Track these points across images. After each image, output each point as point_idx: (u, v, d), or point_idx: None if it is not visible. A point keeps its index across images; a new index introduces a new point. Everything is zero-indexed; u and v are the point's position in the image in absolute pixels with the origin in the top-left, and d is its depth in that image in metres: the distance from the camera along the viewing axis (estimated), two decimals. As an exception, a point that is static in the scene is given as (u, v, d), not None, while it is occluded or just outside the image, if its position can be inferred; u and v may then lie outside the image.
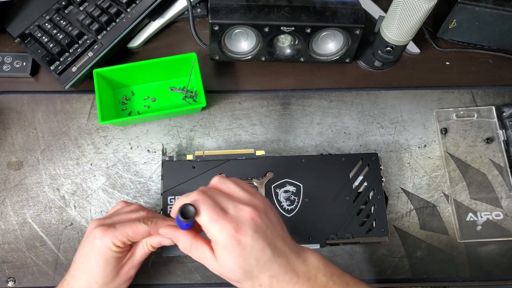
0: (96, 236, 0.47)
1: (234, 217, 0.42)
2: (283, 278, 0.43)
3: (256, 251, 0.42)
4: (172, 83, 0.67)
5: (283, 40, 0.65)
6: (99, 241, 0.47)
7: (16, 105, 0.66)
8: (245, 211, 0.43)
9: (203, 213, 0.42)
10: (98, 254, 0.47)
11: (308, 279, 0.43)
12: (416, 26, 0.58)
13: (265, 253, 0.42)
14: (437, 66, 0.71)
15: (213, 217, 0.42)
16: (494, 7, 0.63)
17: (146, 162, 0.63)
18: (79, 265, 0.49)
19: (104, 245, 0.47)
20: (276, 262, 0.42)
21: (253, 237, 0.42)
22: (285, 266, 0.43)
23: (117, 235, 0.47)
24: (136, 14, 0.65)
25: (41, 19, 0.66)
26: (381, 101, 0.67)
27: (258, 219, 0.43)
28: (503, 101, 0.67)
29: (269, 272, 0.42)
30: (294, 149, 0.64)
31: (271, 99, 0.67)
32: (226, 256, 0.42)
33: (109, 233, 0.47)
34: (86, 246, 0.48)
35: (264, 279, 0.42)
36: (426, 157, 0.64)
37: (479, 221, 0.61)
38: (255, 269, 0.42)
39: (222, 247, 0.42)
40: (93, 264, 0.48)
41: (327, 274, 0.44)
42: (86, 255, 0.48)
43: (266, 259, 0.42)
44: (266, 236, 0.43)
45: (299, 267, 0.44)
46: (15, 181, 0.62)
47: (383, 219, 0.57)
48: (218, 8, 0.59)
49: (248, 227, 0.42)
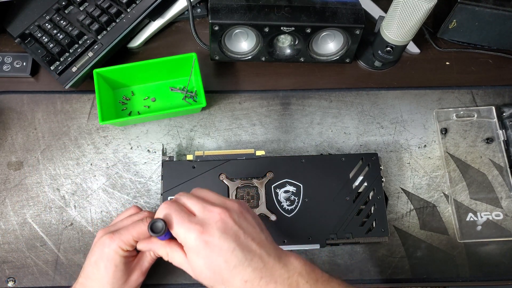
0: (105, 244, 0.48)
1: (201, 219, 0.42)
2: (258, 283, 0.41)
3: (225, 252, 0.41)
4: (172, 83, 0.67)
5: (283, 40, 0.65)
6: (107, 249, 0.48)
7: (16, 105, 0.66)
8: (214, 212, 0.43)
9: (170, 220, 0.43)
10: (107, 261, 0.48)
11: (289, 285, 0.41)
12: (416, 26, 0.58)
13: (235, 255, 0.41)
14: (437, 66, 0.71)
15: (179, 220, 0.42)
16: (494, 7, 0.63)
17: (146, 162, 0.63)
18: (88, 273, 0.49)
19: (112, 252, 0.48)
20: (249, 266, 0.41)
21: (221, 237, 0.41)
22: (261, 270, 0.41)
23: (123, 239, 0.48)
24: (136, 14, 0.65)
25: (41, 19, 0.66)
26: (381, 101, 0.67)
27: (228, 220, 0.42)
28: (503, 101, 0.67)
29: (241, 276, 0.41)
30: (294, 149, 0.64)
31: (271, 99, 0.67)
32: (195, 258, 0.42)
33: (115, 238, 0.48)
34: (95, 254, 0.49)
35: (237, 283, 0.41)
36: (426, 157, 0.64)
37: (479, 221, 0.61)
38: (225, 272, 0.41)
39: (190, 249, 0.42)
40: (103, 271, 0.48)
41: (311, 280, 0.42)
42: (95, 264, 0.48)
43: (237, 261, 0.41)
44: (236, 238, 0.42)
45: (279, 272, 0.41)
46: (15, 181, 0.62)
47: (383, 219, 0.57)
48: (218, 8, 0.59)
49: (215, 228, 0.41)
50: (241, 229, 0.42)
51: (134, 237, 0.48)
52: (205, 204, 0.43)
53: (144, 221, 0.48)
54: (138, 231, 0.48)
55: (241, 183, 0.57)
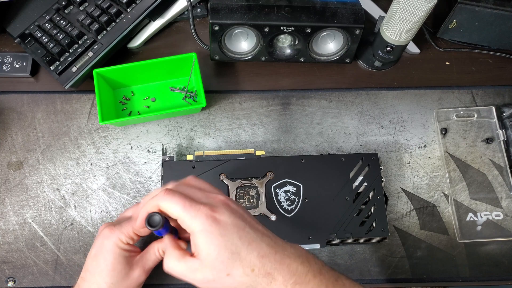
0: (104, 236, 0.48)
1: (207, 202, 0.41)
2: (274, 258, 0.40)
3: (238, 230, 0.40)
4: (172, 83, 0.67)
5: (283, 40, 0.65)
6: (107, 241, 0.48)
7: (16, 105, 0.66)
8: (218, 197, 0.42)
9: (174, 206, 0.40)
10: (106, 253, 0.48)
11: (302, 263, 0.41)
12: (416, 26, 0.58)
13: (247, 232, 0.40)
14: (437, 66, 0.71)
15: (186, 205, 0.40)
16: (494, 7, 0.63)
17: (146, 162, 0.63)
18: (89, 267, 0.49)
19: (112, 244, 0.47)
20: (262, 241, 0.40)
21: (231, 216, 0.40)
22: (273, 246, 0.41)
23: (123, 231, 0.47)
24: (136, 14, 0.65)
25: (41, 19, 0.66)
26: (381, 101, 0.67)
27: (232, 204, 0.42)
28: (503, 101, 0.67)
29: (258, 252, 0.40)
30: (294, 149, 0.64)
31: (271, 99, 0.67)
32: (208, 241, 0.39)
33: (115, 230, 0.48)
34: (95, 247, 0.49)
35: (254, 260, 0.39)
36: (426, 157, 0.64)
37: (479, 221, 0.61)
38: (241, 249, 0.39)
39: (201, 232, 0.39)
40: (102, 264, 0.48)
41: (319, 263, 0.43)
42: (95, 257, 0.48)
43: (250, 237, 0.40)
44: (244, 218, 0.41)
45: (290, 250, 0.41)
46: (15, 181, 0.62)
47: (383, 219, 0.57)
48: (218, 8, 0.59)
49: (224, 208, 0.41)
50: (245, 213, 0.43)
51: (135, 230, 0.47)
52: (205, 193, 0.43)
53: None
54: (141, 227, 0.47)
55: (241, 183, 0.57)
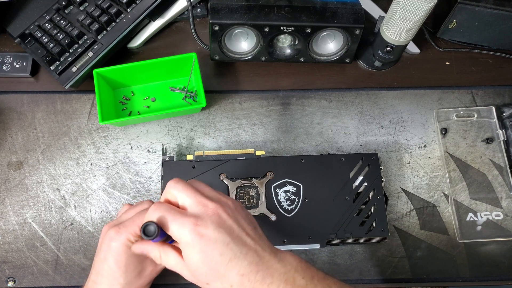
0: (112, 238, 0.47)
1: (194, 213, 0.42)
2: (255, 277, 0.40)
3: (220, 246, 0.40)
4: (172, 83, 0.67)
5: (283, 40, 0.65)
6: (114, 243, 0.47)
7: (16, 105, 0.66)
8: (208, 206, 0.42)
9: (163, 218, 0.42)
10: (117, 255, 0.47)
11: (285, 281, 0.41)
12: (416, 26, 0.58)
13: (230, 248, 0.40)
14: (437, 66, 0.71)
15: (172, 217, 0.41)
16: (494, 7, 0.63)
17: (146, 162, 0.63)
18: (99, 270, 0.48)
19: (120, 245, 0.47)
20: (245, 259, 0.40)
21: (215, 230, 0.40)
22: (257, 264, 0.40)
23: (130, 231, 0.47)
24: (136, 14, 0.65)
25: (41, 19, 0.66)
26: (381, 101, 0.67)
27: (223, 214, 0.42)
28: (503, 101, 0.67)
29: (238, 270, 0.40)
30: (294, 149, 0.64)
31: (271, 99, 0.67)
32: (190, 253, 0.41)
33: (122, 231, 0.47)
34: (103, 250, 0.48)
35: (233, 278, 0.40)
36: (426, 157, 0.64)
37: (479, 221, 0.61)
38: (221, 266, 0.40)
39: (185, 244, 0.41)
40: (113, 266, 0.47)
41: (307, 276, 0.42)
42: (104, 259, 0.48)
43: (232, 254, 0.40)
44: (231, 231, 0.41)
45: (275, 267, 0.41)
46: (15, 181, 0.62)
47: (383, 219, 0.57)
48: (218, 8, 0.59)
49: (209, 221, 0.41)
50: (236, 224, 0.42)
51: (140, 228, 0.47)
52: (199, 197, 0.43)
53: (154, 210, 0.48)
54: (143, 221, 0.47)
55: (241, 183, 0.57)
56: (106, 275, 0.48)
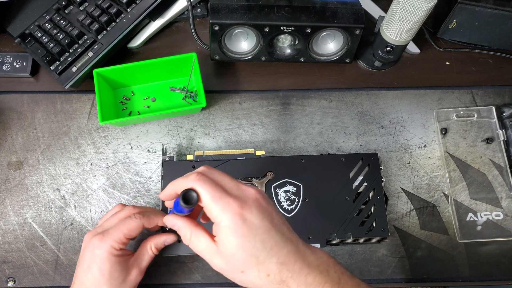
0: (95, 246, 0.47)
1: (238, 196, 0.40)
2: (293, 267, 0.39)
3: (262, 232, 0.39)
4: (172, 83, 0.67)
5: (283, 40, 0.65)
6: (98, 250, 0.46)
7: (16, 105, 0.66)
8: (249, 191, 0.41)
9: (204, 193, 0.39)
10: (100, 263, 0.46)
11: (320, 273, 0.40)
12: (416, 26, 0.59)
13: (271, 235, 0.39)
14: (437, 66, 0.71)
15: (216, 195, 0.39)
16: (494, 7, 0.63)
17: (146, 162, 0.63)
18: (82, 280, 0.47)
19: (104, 252, 0.46)
20: (284, 247, 0.39)
21: (259, 216, 0.39)
22: (294, 253, 0.39)
23: (114, 238, 0.47)
24: (136, 14, 0.65)
25: (41, 19, 0.66)
26: (381, 101, 0.67)
27: (262, 201, 0.40)
28: (503, 101, 0.67)
29: (277, 258, 0.39)
30: (294, 149, 0.64)
31: (271, 99, 0.67)
32: (229, 237, 0.38)
33: (106, 238, 0.46)
34: (86, 259, 0.47)
35: (272, 266, 0.38)
36: (426, 157, 0.64)
37: (479, 221, 0.61)
38: (261, 253, 0.38)
39: (225, 227, 0.39)
40: (97, 274, 0.46)
41: (338, 271, 0.41)
42: (88, 268, 0.47)
43: (273, 242, 0.39)
44: (271, 219, 0.40)
45: (310, 259, 0.40)
46: (15, 181, 0.62)
47: (383, 219, 0.57)
48: (218, 8, 0.59)
49: (254, 206, 0.39)
50: (274, 212, 0.41)
51: (125, 235, 0.47)
52: (238, 183, 0.41)
53: (133, 217, 0.48)
54: (128, 228, 0.47)
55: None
56: (90, 285, 0.47)
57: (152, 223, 0.50)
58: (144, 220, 0.49)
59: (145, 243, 0.51)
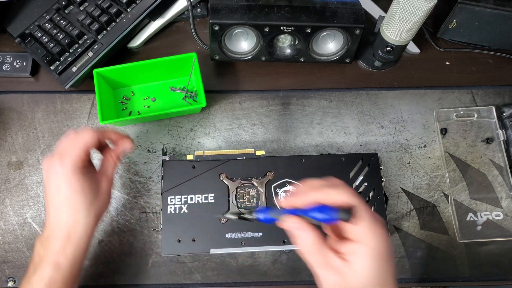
0: (56, 166, 0.46)
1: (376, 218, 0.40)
2: None
3: (391, 260, 0.39)
4: (172, 83, 0.67)
5: (283, 40, 0.65)
6: (61, 169, 0.46)
7: (16, 105, 0.66)
8: (375, 216, 0.40)
9: (364, 216, 0.38)
10: (69, 180, 0.46)
11: None
12: (416, 26, 0.59)
13: (392, 265, 0.40)
14: (437, 66, 0.71)
15: (371, 216, 0.39)
16: (494, 7, 0.63)
17: (146, 162, 0.63)
18: (55, 202, 0.47)
19: (69, 170, 0.46)
20: (393, 277, 0.40)
21: (389, 244, 0.39)
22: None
23: (72, 154, 0.46)
24: (136, 14, 0.65)
25: (41, 19, 0.66)
26: (381, 101, 0.67)
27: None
28: (503, 101, 0.67)
29: (393, 287, 0.40)
30: (294, 149, 0.64)
31: (271, 99, 0.67)
32: (371, 259, 0.38)
33: (65, 156, 0.46)
34: (52, 182, 0.47)
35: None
36: (426, 157, 0.64)
37: (479, 221, 0.61)
38: (388, 280, 0.39)
39: (370, 251, 0.38)
40: (69, 192, 0.46)
41: None
42: (58, 189, 0.46)
43: (393, 271, 0.39)
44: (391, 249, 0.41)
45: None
46: (15, 181, 0.62)
47: (383, 219, 0.57)
48: (218, 8, 0.59)
49: (386, 230, 0.40)
50: None
51: (81, 148, 0.47)
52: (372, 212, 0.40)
53: (85, 131, 0.48)
54: (82, 142, 0.47)
55: (241, 183, 0.57)
56: (66, 204, 0.46)
57: (105, 135, 0.50)
58: (98, 132, 0.48)
59: (106, 154, 0.52)
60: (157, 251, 0.59)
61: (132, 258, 0.58)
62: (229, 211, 0.54)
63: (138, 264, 0.59)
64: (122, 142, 0.53)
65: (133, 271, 0.57)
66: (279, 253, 0.59)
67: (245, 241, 0.55)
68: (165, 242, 0.54)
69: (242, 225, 0.55)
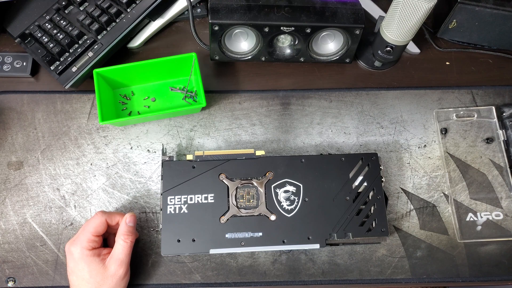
0: (71, 251, 0.53)
1: None
2: None
3: None
4: (172, 83, 0.67)
5: (283, 40, 0.65)
6: (74, 254, 0.52)
7: (16, 105, 0.66)
8: None
9: None
10: (79, 264, 0.52)
11: None
12: (416, 26, 0.58)
13: None
14: (437, 66, 0.71)
15: None
16: (494, 7, 0.63)
17: (146, 162, 0.63)
18: (73, 283, 0.53)
19: (78, 254, 0.52)
20: None
21: None
22: None
23: (82, 239, 0.52)
24: (136, 14, 0.65)
25: (41, 19, 0.66)
26: (381, 101, 0.67)
27: None
28: (503, 101, 0.67)
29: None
30: (294, 149, 0.64)
31: (271, 99, 0.67)
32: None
33: (76, 241, 0.53)
34: (70, 265, 0.53)
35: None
36: (426, 157, 0.64)
37: (479, 221, 0.61)
38: None
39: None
40: (80, 274, 0.52)
41: None
42: (72, 272, 0.53)
43: None
44: None
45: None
46: (15, 181, 0.62)
47: (383, 219, 0.57)
48: (218, 8, 0.59)
49: None
50: None
51: (92, 233, 0.53)
52: None
53: (95, 216, 0.54)
54: (92, 226, 0.53)
55: (241, 183, 0.57)
56: (78, 285, 0.53)
57: (114, 220, 0.55)
58: (106, 216, 0.54)
59: (116, 237, 0.55)
60: (157, 251, 0.59)
61: (132, 258, 0.58)
62: None
63: (138, 264, 0.59)
64: (122, 220, 0.56)
65: (133, 271, 0.57)
66: (279, 253, 0.59)
67: (244, 241, 0.55)
68: (165, 242, 0.54)
69: (242, 225, 0.55)
